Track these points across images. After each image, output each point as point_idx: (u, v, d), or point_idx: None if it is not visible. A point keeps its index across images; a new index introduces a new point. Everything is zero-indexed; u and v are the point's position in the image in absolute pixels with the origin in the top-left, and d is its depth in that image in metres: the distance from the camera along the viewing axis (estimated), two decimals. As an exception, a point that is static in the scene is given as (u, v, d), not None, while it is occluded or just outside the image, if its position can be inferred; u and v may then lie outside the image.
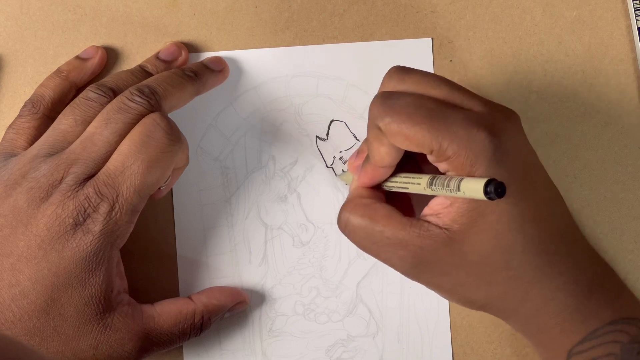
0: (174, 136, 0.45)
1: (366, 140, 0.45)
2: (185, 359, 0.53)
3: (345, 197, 0.53)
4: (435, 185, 0.41)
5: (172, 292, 0.53)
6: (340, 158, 0.53)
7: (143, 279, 0.52)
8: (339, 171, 0.53)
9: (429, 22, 0.54)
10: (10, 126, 0.49)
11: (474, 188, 0.38)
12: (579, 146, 0.53)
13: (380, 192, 0.46)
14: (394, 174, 0.45)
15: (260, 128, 0.53)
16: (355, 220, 0.44)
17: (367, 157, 0.45)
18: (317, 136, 0.53)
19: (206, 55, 0.53)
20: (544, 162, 0.46)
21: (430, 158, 0.42)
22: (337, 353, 0.53)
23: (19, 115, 0.49)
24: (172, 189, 0.52)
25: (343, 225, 0.45)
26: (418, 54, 0.53)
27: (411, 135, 0.41)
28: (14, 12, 0.54)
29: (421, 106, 0.42)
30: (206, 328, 0.49)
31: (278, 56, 0.54)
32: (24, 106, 0.50)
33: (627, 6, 0.53)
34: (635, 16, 0.53)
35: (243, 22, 0.54)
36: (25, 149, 0.47)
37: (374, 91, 0.53)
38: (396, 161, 0.44)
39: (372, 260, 0.53)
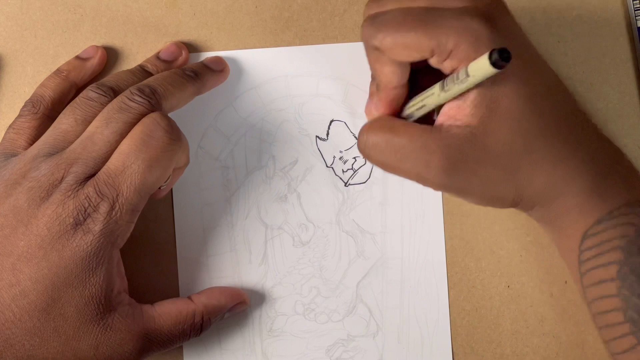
0: (175, 135, 0.45)
1: (372, 76, 0.46)
2: (185, 359, 0.53)
3: (345, 196, 0.53)
4: (447, 85, 0.42)
5: (172, 292, 0.53)
6: (340, 158, 0.53)
7: (143, 279, 0.52)
8: (339, 171, 0.53)
9: (429, 22, 0.54)
10: (10, 126, 0.49)
11: (480, 64, 0.39)
12: (578, 146, 0.53)
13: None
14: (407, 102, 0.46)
15: (260, 128, 0.53)
16: (375, 136, 0.45)
17: (377, 86, 0.46)
18: (317, 136, 0.53)
19: (206, 55, 0.53)
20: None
21: (433, 61, 0.43)
22: (337, 353, 0.53)
23: (19, 115, 0.49)
24: (172, 189, 0.52)
25: (363, 144, 0.45)
26: (418, 54, 0.53)
27: (408, 42, 0.42)
28: (14, 12, 0.54)
29: (408, 13, 0.43)
30: (206, 328, 0.49)
31: (278, 56, 0.54)
32: (24, 106, 0.50)
33: (627, 6, 0.53)
34: (635, 16, 0.53)
35: (243, 22, 0.54)
36: (26, 148, 0.47)
37: (374, 91, 0.53)
38: (404, 79, 0.45)
39: (372, 260, 0.53)
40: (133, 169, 0.44)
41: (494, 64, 0.38)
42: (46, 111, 0.49)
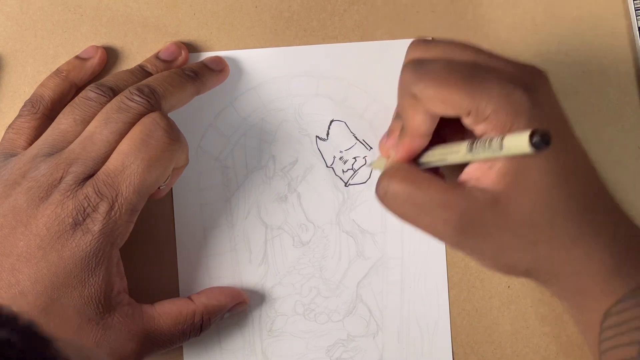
0: (174, 135, 0.45)
1: (396, 114, 0.46)
2: (185, 359, 0.53)
3: (345, 196, 0.53)
4: (476, 148, 0.41)
5: (172, 292, 0.53)
6: (340, 158, 0.53)
7: (143, 279, 0.52)
8: (339, 171, 0.53)
9: (429, 22, 0.54)
10: (10, 126, 0.49)
11: (518, 141, 0.38)
12: (579, 146, 0.53)
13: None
14: (428, 149, 0.45)
15: (260, 128, 0.53)
16: (397, 185, 0.44)
17: (402, 130, 0.45)
18: (317, 136, 0.53)
19: (206, 55, 0.53)
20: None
21: (466, 121, 0.42)
22: (337, 353, 0.53)
23: (19, 115, 0.49)
24: (172, 189, 0.52)
25: (383, 192, 0.45)
26: (418, 53, 0.53)
27: (448, 98, 0.42)
28: (14, 12, 0.54)
29: (454, 69, 0.42)
30: (206, 328, 0.49)
31: (278, 56, 0.54)
32: (24, 106, 0.50)
33: (627, 6, 0.53)
34: (636, 16, 0.53)
35: (243, 22, 0.54)
36: (25, 148, 0.47)
37: (374, 91, 0.54)
38: (432, 129, 0.44)
39: (372, 260, 0.53)
40: (132, 169, 0.44)
41: (534, 145, 0.37)
42: (46, 111, 0.49)
